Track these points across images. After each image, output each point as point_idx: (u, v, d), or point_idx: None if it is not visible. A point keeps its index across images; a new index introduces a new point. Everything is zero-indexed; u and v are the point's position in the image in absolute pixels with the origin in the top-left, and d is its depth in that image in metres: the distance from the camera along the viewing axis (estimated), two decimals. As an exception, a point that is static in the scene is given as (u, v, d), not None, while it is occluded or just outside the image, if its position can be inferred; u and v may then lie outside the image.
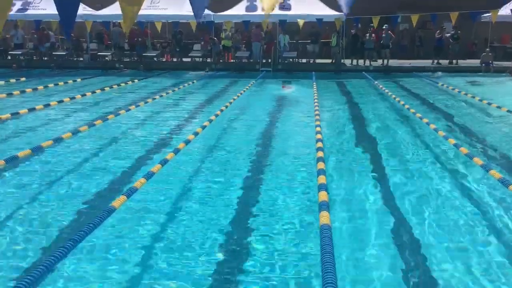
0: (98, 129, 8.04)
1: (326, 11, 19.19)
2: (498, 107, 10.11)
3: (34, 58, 21.48)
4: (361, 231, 4.07)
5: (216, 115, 9.06)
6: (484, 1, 19.01)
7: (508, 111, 9.57)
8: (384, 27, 19.61)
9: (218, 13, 19.61)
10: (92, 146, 6.94)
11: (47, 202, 4.73)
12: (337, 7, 18.98)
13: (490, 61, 18.83)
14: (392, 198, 4.85)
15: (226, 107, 10.13)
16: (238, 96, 11.77)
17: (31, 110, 9.51)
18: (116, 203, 4.27)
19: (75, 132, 7.57)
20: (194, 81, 15.92)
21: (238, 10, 20.02)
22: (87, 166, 5.99)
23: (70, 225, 4.18)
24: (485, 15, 20.06)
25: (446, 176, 5.57)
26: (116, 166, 5.94)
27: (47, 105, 10.20)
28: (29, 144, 6.68)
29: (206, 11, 18.31)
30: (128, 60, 21.43)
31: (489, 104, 10.65)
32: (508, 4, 20.33)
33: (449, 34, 20.40)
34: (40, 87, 13.44)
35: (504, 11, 19.84)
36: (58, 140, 6.97)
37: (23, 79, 15.60)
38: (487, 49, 19.45)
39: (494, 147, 7.01)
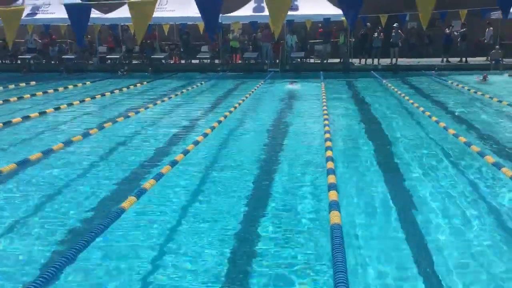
0: (108, 132, 8.10)
1: (333, 11, 19.13)
2: (509, 104, 10.00)
3: (44, 62, 21.68)
4: (371, 229, 4.04)
5: (225, 116, 9.09)
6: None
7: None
8: (394, 26, 19.51)
9: (226, 14, 19.63)
10: (102, 148, 6.98)
11: (57, 204, 4.76)
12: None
13: (500, 59, 18.64)
14: (402, 197, 4.83)
15: (235, 108, 10.15)
16: (246, 97, 11.78)
17: (42, 113, 9.62)
18: (125, 204, 4.29)
19: (85, 135, 7.65)
20: (203, 82, 15.96)
21: (246, 11, 20.04)
22: (98, 168, 6.02)
23: (80, 227, 4.21)
24: (494, 12, 19.86)
25: (457, 175, 5.52)
26: (125, 168, 5.96)
27: (57, 108, 10.30)
28: (40, 147, 6.75)
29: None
30: (136, 62, 21.53)
31: (500, 101, 10.54)
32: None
33: (457, 33, 20.24)
34: (50, 91, 13.56)
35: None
36: (68, 143, 7.05)
37: (33, 83, 15.75)
38: (497, 47, 19.26)
39: (505, 144, 6.92)
